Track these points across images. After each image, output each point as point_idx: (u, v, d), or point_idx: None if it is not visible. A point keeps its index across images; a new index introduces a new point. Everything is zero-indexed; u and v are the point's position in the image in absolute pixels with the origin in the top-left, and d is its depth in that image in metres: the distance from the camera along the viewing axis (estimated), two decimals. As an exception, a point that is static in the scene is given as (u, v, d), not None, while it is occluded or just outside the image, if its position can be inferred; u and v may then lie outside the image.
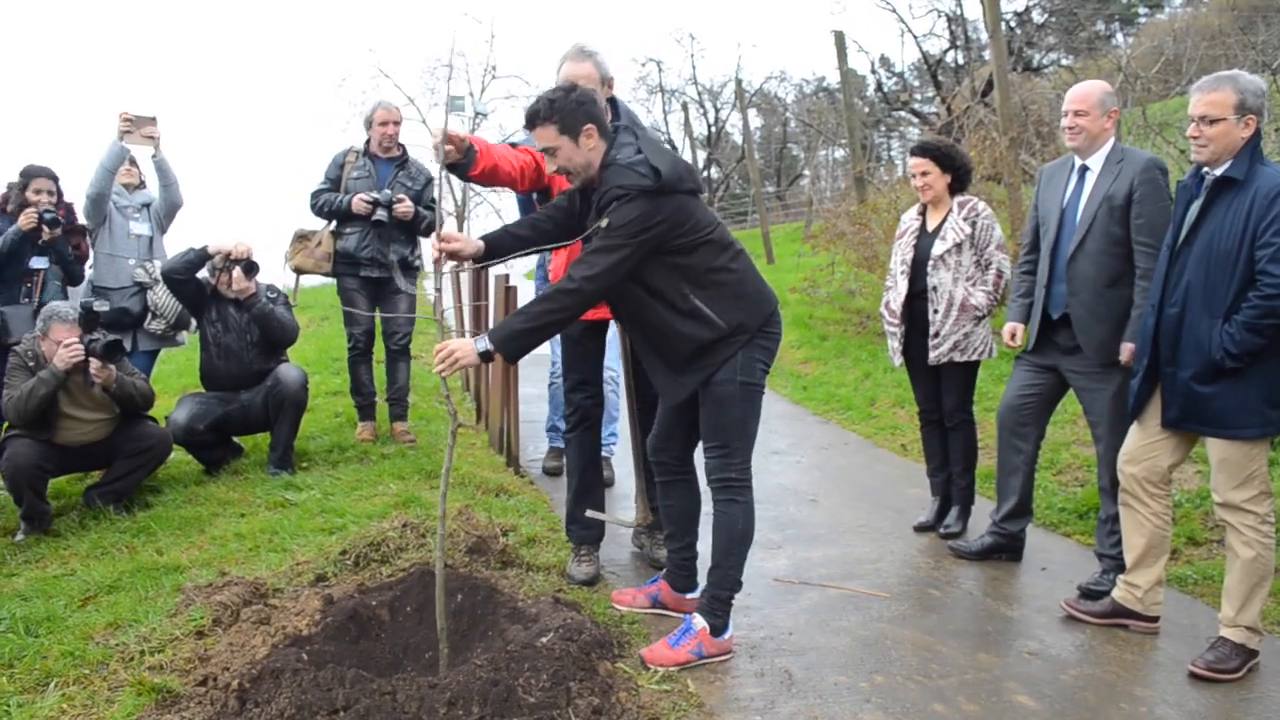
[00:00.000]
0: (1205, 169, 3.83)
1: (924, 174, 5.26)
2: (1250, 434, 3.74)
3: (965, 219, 5.21)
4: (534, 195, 5.94)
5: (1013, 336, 4.86)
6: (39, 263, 6.22)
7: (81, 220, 6.59)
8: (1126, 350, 4.32)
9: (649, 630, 4.10)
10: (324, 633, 3.73)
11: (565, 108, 3.68)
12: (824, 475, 6.82)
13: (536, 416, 7.53)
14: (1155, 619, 4.22)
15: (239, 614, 4.00)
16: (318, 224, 6.96)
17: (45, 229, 6.10)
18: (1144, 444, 4.08)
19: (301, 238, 6.90)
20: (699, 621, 3.83)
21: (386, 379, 7.23)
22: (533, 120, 3.73)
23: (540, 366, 6.43)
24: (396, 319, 6.98)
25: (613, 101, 4.66)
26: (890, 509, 5.97)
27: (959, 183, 5.29)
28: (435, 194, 6.64)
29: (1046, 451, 5.54)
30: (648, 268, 3.71)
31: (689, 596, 4.24)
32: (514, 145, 4.55)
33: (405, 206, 6.67)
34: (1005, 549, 5.06)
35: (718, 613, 3.86)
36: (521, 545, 4.84)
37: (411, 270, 7.03)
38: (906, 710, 3.51)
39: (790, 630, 4.19)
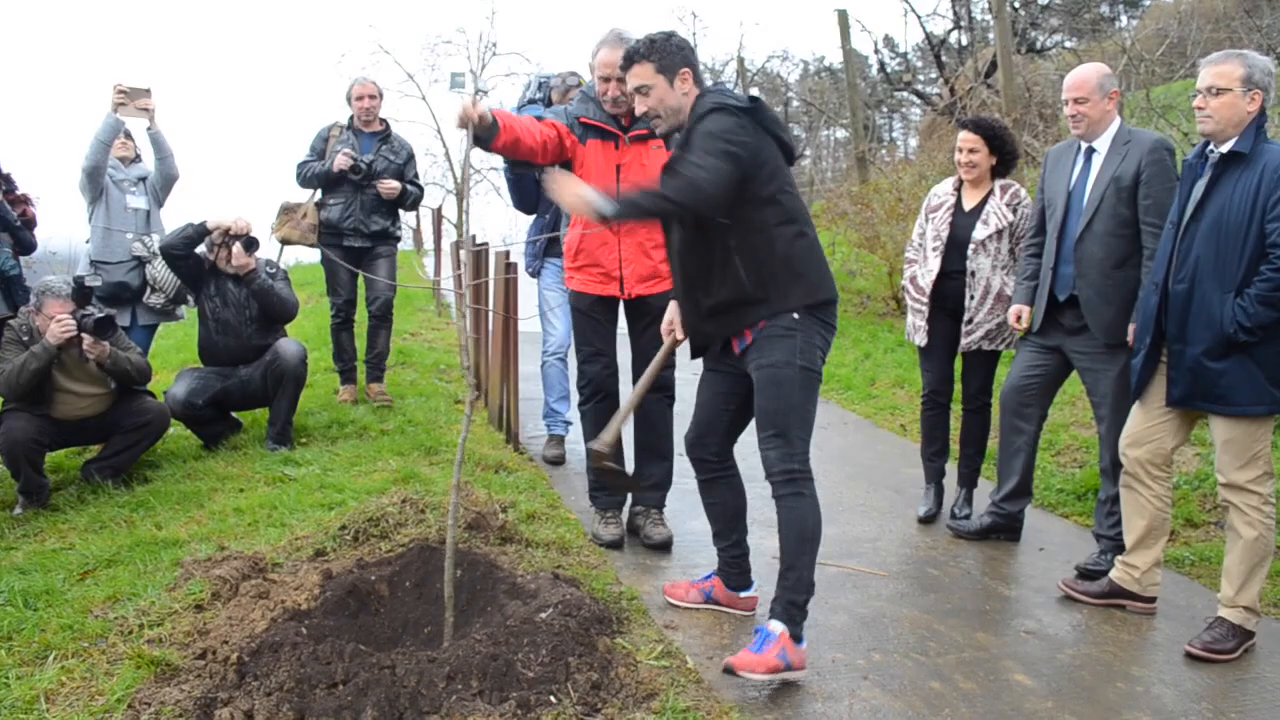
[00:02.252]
0: (1210, 148, 3.82)
1: (971, 151, 5.09)
2: (1257, 411, 3.74)
3: (1008, 204, 5.07)
4: (537, 175, 5.96)
5: (1019, 319, 4.80)
6: None
7: (80, 195, 6.55)
8: (1134, 331, 4.31)
9: (648, 605, 4.11)
10: (323, 607, 3.73)
11: (665, 48, 3.71)
12: (823, 454, 6.82)
13: (536, 394, 7.52)
14: (1152, 600, 4.23)
15: (238, 588, 4.00)
16: (303, 196, 7.16)
17: None
18: (1147, 426, 4.07)
19: (287, 210, 7.15)
20: (776, 626, 3.53)
21: (367, 343, 7.49)
22: (631, 58, 3.74)
23: (538, 345, 6.42)
24: (376, 286, 7.19)
25: None
26: (889, 488, 5.97)
27: (1003, 165, 5.15)
28: (456, 168, 6.65)
29: (1045, 433, 5.54)
30: None
31: (744, 595, 4.12)
32: (539, 118, 4.56)
33: (389, 186, 6.94)
34: (1004, 529, 5.06)
35: (796, 619, 3.56)
36: (521, 521, 4.84)
37: (392, 240, 7.35)
38: (904, 688, 3.52)
39: (789, 608, 4.19)
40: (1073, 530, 5.29)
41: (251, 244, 6.26)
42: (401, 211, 7.50)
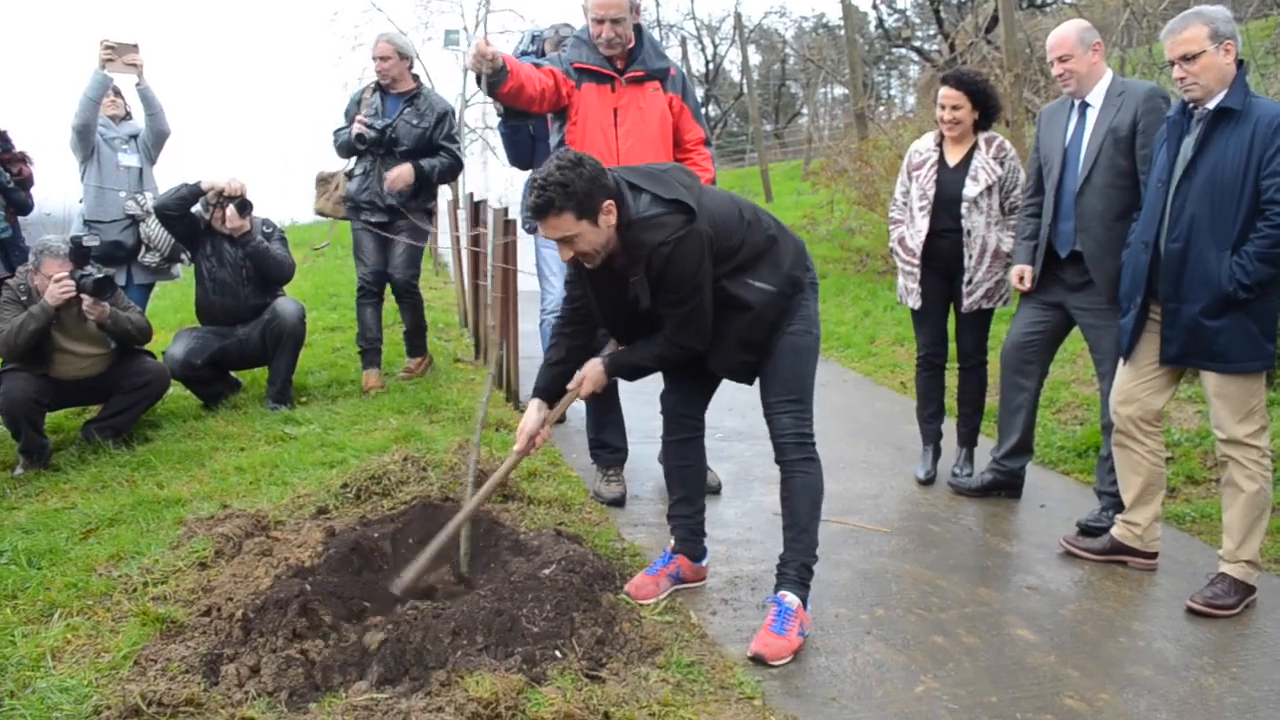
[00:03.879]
0: (1193, 105, 3.79)
1: (955, 108, 4.93)
2: (1253, 367, 3.74)
3: (995, 159, 4.95)
4: (530, 128, 5.91)
5: (1020, 279, 4.74)
6: None
7: (71, 153, 6.49)
8: (1123, 290, 4.29)
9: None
10: (326, 564, 3.74)
11: (580, 190, 3.21)
12: (823, 412, 6.73)
13: (535, 352, 7.50)
14: (1154, 555, 4.24)
15: (241, 546, 4.01)
16: (339, 165, 6.88)
17: None
18: (1137, 383, 4.07)
19: (322, 181, 6.86)
20: (792, 600, 3.51)
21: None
22: (544, 210, 3.24)
23: (536, 303, 6.39)
24: (393, 263, 6.82)
25: (638, 30, 4.64)
26: (890, 445, 5.97)
27: (985, 119, 5.00)
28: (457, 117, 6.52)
29: (1046, 390, 5.53)
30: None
31: (704, 564, 4.00)
32: (537, 65, 4.53)
33: (394, 178, 6.46)
34: (1005, 486, 5.07)
35: (807, 581, 3.58)
36: (522, 479, 4.84)
37: (418, 214, 6.86)
38: (907, 642, 3.53)
39: (791, 564, 4.21)
40: (1073, 487, 5.29)
41: (245, 206, 6.21)
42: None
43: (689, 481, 3.96)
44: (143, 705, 2.89)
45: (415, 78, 6.85)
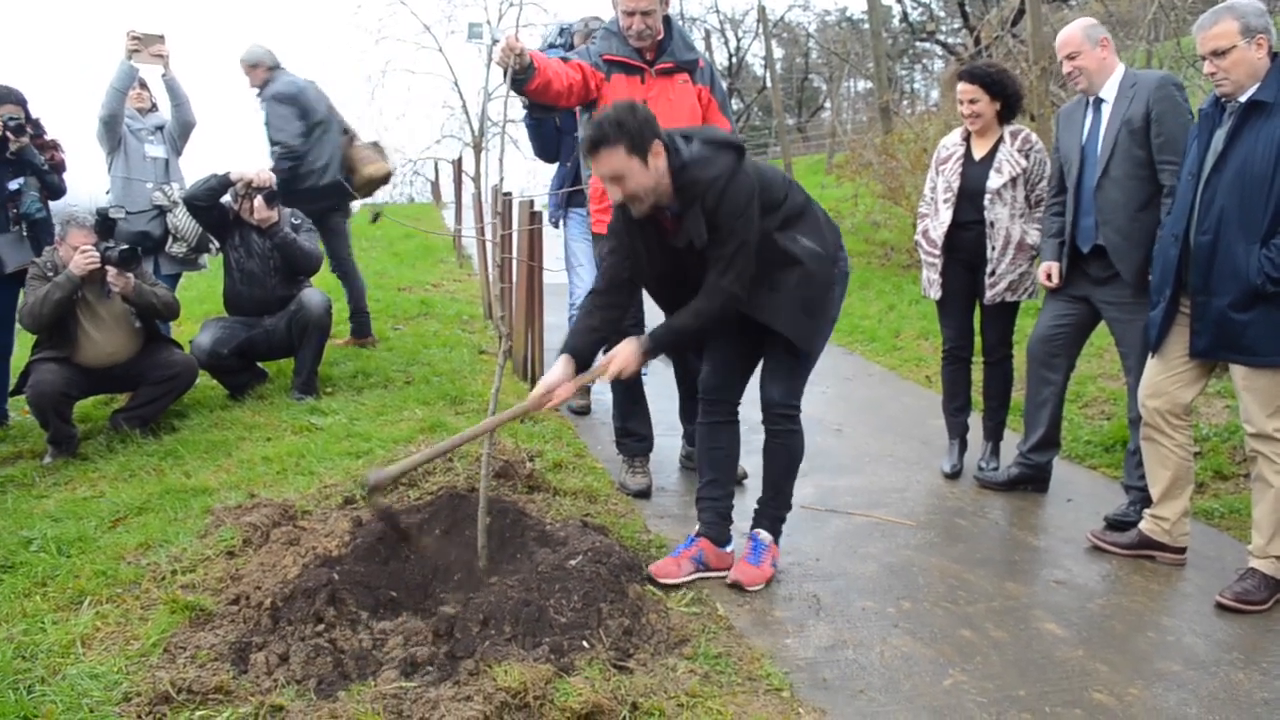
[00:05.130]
0: (1225, 99, 3.76)
1: (972, 101, 4.95)
2: None
3: (1020, 150, 4.94)
4: (556, 121, 5.92)
5: (1048, 276, 4.72)
6: (15, 184, 5.95)
7: (97, 144, 6.53)
8: (1152, 283, 4.26)
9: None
10: (354, 554, 3.75)
11: (633, 127, 3.43)
12: (849, 406, 6.80)
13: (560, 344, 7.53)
14: (1182, 550, 4.21)
15: (269, 535, 4.03)
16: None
17: (11, 136, 5.83)
18: (1165, 376, 4.04)
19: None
20: (765, 536, 3.97)
21: None
22: (598, 144, 3.45)
23: (563, 296, 6.39)
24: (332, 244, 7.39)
25: (667, 21, 4.63)
26: (915, 439, 5.95)
27: (1009, 110, 5.00)
28: (474, 120, 6.62)
29: (1072, 385, 5.49)
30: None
31: (727, 550, 4.01)
32: (564, 60, 4.53)
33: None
34: (1031, 480, 5.04)
35: (779, 528, 4.03)
36: (548, 470, 4.85)
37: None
38: (935, 636, 3.52)
39: (817, 556, 4.20)
40: (1100, 481, 5.26)
41: (273, 197, 6.24)
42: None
43: (719, 465, 4.04)
44: (172, 692, 2.91)
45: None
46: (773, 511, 4.01)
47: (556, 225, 6.37)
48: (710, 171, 3.49)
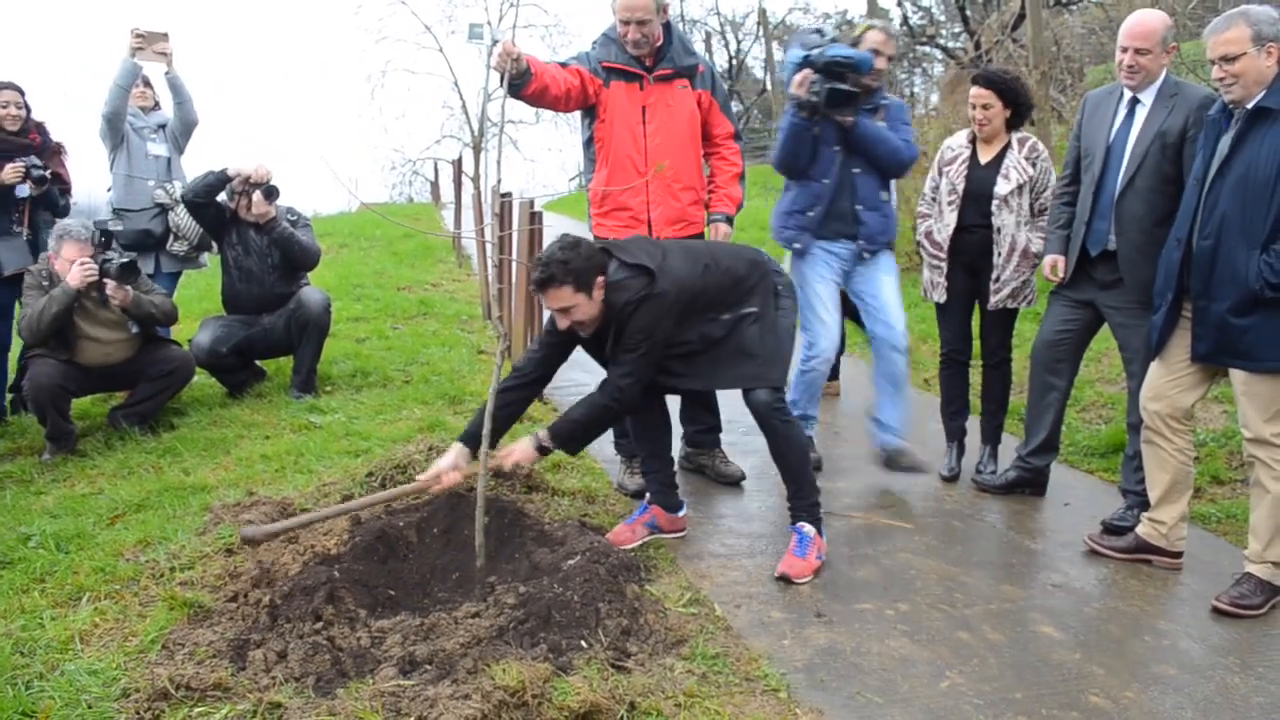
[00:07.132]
0: (1232, 105, 3.76)
1: (985, 106, 4.91)
2: None
3: (1027, 159, 4.92)
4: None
5: (1053, 269, 4.67)
6: (23, 190, 5.96)
7: (100, 143, 6.54)
8: (1155, 287, 4.25)
9: (675, 555, 4.13)
10: (352, 552, 3.76)
11: (578, 267, 3.74)
12: (847, 408, 6.81)
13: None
14: (1179, 555, 4.21)
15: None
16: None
17: (31, 186, 5.89)
18: (1167, 380, 4.05)
19: None
20: (809, 528, 4.08)
21: None
22: (546, 284, 3.75)
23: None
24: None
25: (668, 27, 4.64)
26: (914, 442, 5.93)
27: (1017, 118, 4.97)
28: (474, 120, 6.62)
29: (1071, 389, 5.49)
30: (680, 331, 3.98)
31: (680, 514, 4.38)
32: (563, 65, 4.54)
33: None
34: (1029, 483, 5.04)
35: (818, 516, 4.14)
36: (546, 470, 4.85)
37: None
38: (932, 638, 3.53)
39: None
40: (1098, 485, 5.27)
41: (271, 192, 6.23)
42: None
43: (652, 437, 4.36)
44: (171, 688, 2.92)
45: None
46: (803, 502, 4.12)
47: (796, 252, 5.14)
48: (623, 296, 3.80)
